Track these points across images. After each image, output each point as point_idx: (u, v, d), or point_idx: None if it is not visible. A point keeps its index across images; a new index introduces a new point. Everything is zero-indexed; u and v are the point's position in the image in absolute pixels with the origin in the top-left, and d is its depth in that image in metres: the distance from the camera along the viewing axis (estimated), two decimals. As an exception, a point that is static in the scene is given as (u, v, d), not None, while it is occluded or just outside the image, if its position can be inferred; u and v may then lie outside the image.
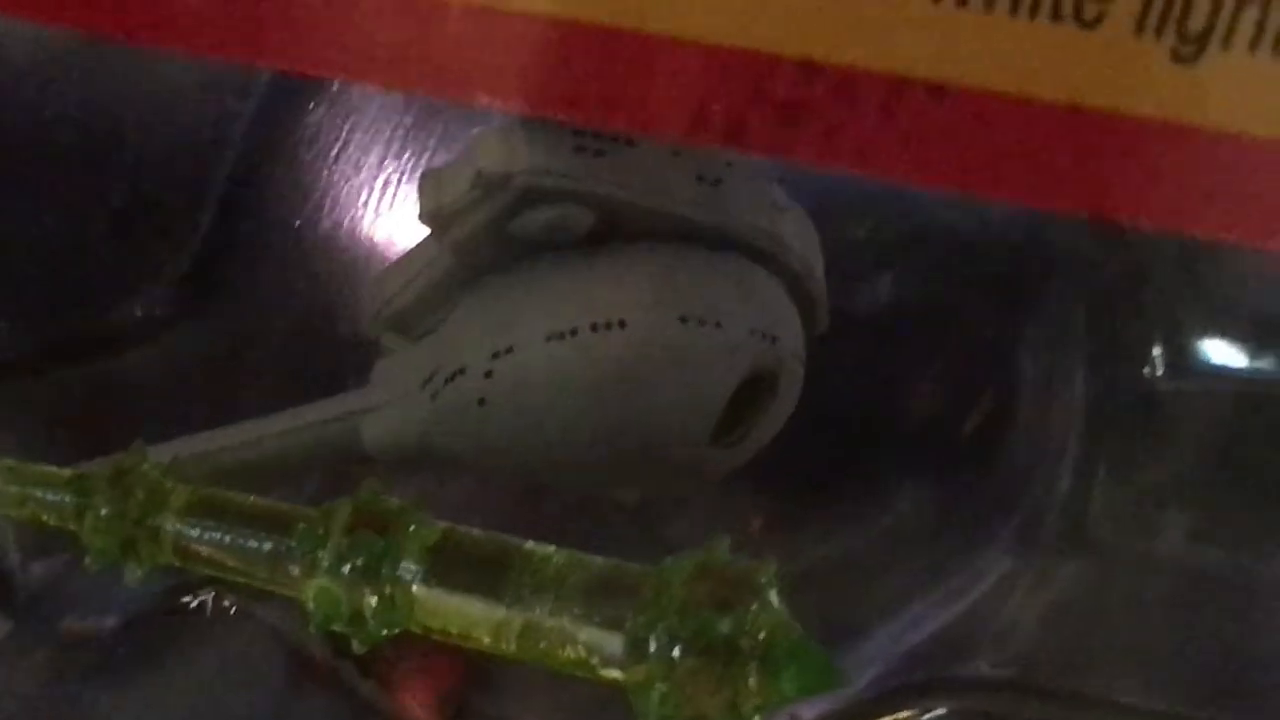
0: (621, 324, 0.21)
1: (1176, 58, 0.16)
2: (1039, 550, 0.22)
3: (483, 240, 0.22)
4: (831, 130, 0.18)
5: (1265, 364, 0.22)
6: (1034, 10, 0.17)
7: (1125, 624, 0.22)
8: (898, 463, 0.24)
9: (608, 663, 0.18)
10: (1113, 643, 0.21)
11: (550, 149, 0.21)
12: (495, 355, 0.22)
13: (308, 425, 0.24)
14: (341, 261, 0.26)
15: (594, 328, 0.21)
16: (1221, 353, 0.23)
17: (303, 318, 0.27)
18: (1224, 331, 0.22)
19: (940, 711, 0.21)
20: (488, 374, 0.22)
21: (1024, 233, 0.23)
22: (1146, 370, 0.22)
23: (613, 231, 0.21)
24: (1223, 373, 0.22)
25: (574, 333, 0.21)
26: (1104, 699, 0.20)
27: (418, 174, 0.24)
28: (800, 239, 0.23)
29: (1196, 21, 0.16)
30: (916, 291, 0.25)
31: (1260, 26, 0.16)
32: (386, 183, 0.26)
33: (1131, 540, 0.22)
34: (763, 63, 0.18)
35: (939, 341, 0.24)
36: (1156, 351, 0.22)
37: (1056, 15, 0.17)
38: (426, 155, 0.26)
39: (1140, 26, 0.16)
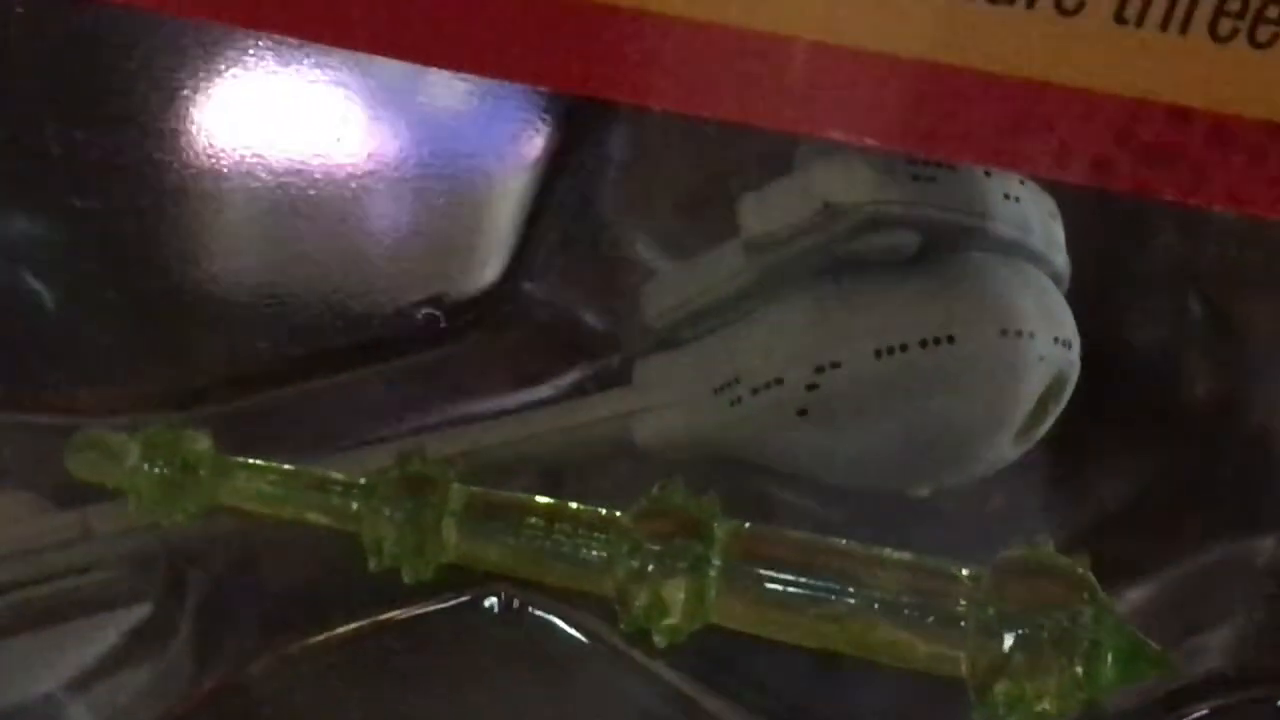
0: (950, 339, 0.22)
1: None
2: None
3: (801, 260, 0.23)
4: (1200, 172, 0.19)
5: None
6: None
7: None
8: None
9: (939, 658, 0.20)
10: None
11: (893, 178, 0.22)
12: (820, 369, 0.23)
13: (579, 424, 0.25)
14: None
15: (923, 344, 0.22)
16: None
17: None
18: None
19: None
20: (811, 386, 0.23)
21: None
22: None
23: (930, 249, 0.23)
24: None
25: (904, 348, 0.22)
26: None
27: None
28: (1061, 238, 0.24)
29: None
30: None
31: None
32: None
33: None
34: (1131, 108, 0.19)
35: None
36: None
37: None
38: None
39: None
